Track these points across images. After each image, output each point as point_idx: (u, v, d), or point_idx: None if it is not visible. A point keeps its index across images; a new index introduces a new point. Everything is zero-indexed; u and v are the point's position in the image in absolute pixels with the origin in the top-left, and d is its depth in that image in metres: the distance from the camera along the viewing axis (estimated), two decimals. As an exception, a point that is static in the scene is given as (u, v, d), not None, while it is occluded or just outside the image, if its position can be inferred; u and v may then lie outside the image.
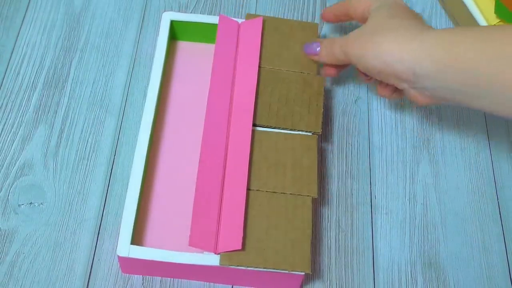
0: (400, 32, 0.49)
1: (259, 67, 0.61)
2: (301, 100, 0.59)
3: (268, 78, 0.60)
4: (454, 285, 0.57)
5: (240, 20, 0.64)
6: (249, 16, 0.64)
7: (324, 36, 0.72)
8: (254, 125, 0.57)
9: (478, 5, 0.68)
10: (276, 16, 0.72)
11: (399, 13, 0.52)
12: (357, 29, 0.52)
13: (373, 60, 0.50)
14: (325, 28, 0.72)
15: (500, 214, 0.62)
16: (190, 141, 0.60)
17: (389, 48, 0.49)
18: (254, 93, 0.58)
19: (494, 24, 0.67)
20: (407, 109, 0.67)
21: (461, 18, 0.71)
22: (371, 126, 0.66)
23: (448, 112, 0.68)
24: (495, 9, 0.66)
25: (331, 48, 0.55)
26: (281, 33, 0.63)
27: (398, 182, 0.63)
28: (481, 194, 0.63)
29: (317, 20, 0.72)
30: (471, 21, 0.69)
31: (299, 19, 0.72)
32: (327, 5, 0.74)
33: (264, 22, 0.64)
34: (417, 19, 0.52)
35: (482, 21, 0.68)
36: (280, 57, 0.62)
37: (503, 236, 0.61)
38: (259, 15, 0.64)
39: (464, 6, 0.69)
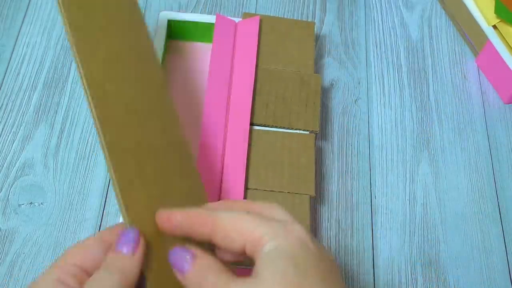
0: None
1: (256, 66, 0.61)
2: (298, 99, 0.59)
3: (265, 77, 0.60)
4: (454, 285, 0.57)
5: (237, 20, 0.64)
6: (246, 15, 0.64)
7: (323, 36, 0.72)
8: (252, 124, 0.58)
9: (478, 5, 0.68)
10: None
11: (312, 265, 0.34)
12: (242, 281, 0.35)
13: None
14: (325, 28, 0.72)
15: (500, 214, 0.62)
16: (188, 140, 0.60)
17: None
18: (252, 92, 0.58)
19: (494, 25, 0.67)
20: (407, 109, 0.67)
21: (461, 18, 0.71)
22: (371, 126, 0.66)
23: (448, 112, 0.67)
24: (495, 9, 0.66)
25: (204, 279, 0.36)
26: (278, 32, 0.64)
27: (398, 182, 0.63)
28: (481, 194, 0.63)
29: (317, 20, 0.72)
30: (471, 21, 0.69)
31: (299, 19, 0.72)
32: (327, 5, 0.74)
33: (261, 21, 0.64)
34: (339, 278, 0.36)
35: (482, 21, 0.68)
36: (277, 56, 0.62)
37: (503, 236, 0.61)
38: (256, 14, 0.64)
39: (464, 6, 0.69)
